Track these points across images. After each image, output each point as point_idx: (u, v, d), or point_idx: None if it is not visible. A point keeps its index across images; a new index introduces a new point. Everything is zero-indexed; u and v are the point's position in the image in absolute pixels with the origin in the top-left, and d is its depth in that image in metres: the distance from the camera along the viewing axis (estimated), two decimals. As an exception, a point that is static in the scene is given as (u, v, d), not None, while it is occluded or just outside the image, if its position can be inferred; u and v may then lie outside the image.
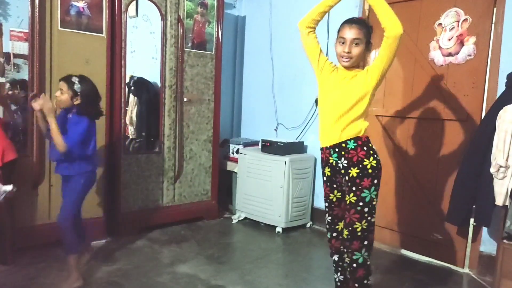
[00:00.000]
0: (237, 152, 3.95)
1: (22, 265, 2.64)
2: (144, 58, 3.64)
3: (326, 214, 2.13)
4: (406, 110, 3.18)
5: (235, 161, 3.97)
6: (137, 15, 3.52)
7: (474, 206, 2.67)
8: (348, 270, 2.00)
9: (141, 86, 3.68)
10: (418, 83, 3.12)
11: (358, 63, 1.97)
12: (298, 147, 3.74)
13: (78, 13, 2.93)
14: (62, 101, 2.32)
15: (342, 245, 2.03)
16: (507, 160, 2.25)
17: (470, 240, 2.92)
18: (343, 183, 2.00)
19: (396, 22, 1.82)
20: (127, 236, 3.23)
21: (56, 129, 2.21)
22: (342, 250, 2.05)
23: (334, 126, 1.97)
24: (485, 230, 2.78)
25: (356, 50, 1.91)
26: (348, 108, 1.93)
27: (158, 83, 3.47)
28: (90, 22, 2.99)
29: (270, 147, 3.67)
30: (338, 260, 2.15)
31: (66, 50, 2.90)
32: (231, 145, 4.09)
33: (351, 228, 1.94)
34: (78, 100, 2.31)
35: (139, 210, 3.38)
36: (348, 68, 1.97)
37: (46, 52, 2.82)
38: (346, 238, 1.96)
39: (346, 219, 1.97)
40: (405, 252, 3.23)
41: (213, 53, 3.72)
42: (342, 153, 1.96)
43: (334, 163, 2.00)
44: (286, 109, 4.06)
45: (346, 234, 1.97)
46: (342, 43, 1.93)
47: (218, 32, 3.73)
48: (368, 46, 1.95)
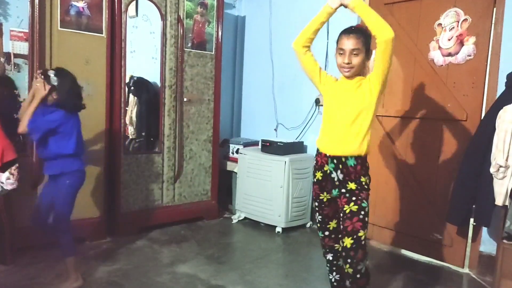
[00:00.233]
0: (237, 152, 3.95)
1: (22, 265, 2.64)
2: (144, 58, 3.64)
3: (317, 214, 2.13)
4: (406, 110, 3.19)
5: (235, 161, 3.97)
6: (137, 15, 3.52)
7: (474, 206, 2.67)
8: (349, 280, 1.98)
9: (141, 86, 3.68)
10: (418, 83, 3.12)
11: (360, 72, 1.96)
12: (298, 147, 3.74)
13: (78, 13, 2.93)
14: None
15: (344, 252, 1.98)
16: (507, 160, 2.25)
17: (470, 240, 2.92)
18: (331, 191, 2.01)
19: (385, 27, 1.81)
20: (127, 236, 3.23)
21: (29, 110, 2.21)
22: (340, 253, 2.04)
23: (338, 137, 1.96)
24: (485, 230, 2.78)
25: (356, 60, 1.90)
26: (353, 118, 1.92)
27: (158, 83, 3.47)
28: (90, 22, 2.99)
29: (270, 147, 3.68)
30: (332, 259, 2.15)
31: (66, 50, 2.90)
32: (231, 145, 4.09)
33: (356, 236, 1.91)
34: (55, 93, 2.29)
35: (139, 210, 3.38)
36: (350, 77, 1.96)
37: (46, 52, 2.82)
38: (351, 247, 1.91)
39: (347, 227, 1.93)
40: (405, 252, 3.23)
41: (213, 53, 3.72)
42: (340, 166, 1.95)
43: (328, 172, 2.00)
44: (286, 109, 4.06)
45: (350, 243, 1.91)
46: (341, 54, 1.93)
47: (218, 32, 3.74)
48: (368, 54, 1.94)
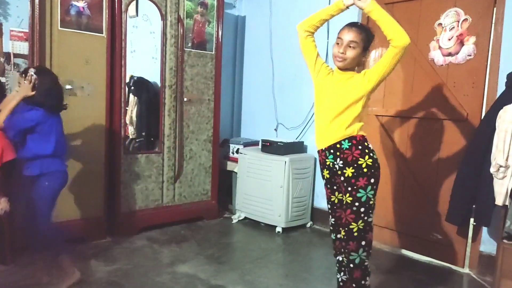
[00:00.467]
0: (237, 152, 3.95)
1: (22, 265, 2.64)
2: (144, 58, 3.64)
3: (330, 216, 2.14)
4: (406, 110, 3.18)
5: (235, 161, 3.97)
6: (137, 15, 3.52)
7: (474, 206, 2.67)
8: (346, 269, 2.01)
9: (141, 86, 3.68)
10: (418, 83, 3.12)
11: (353, 67, 1.96)
12: (298, 147, 3.74)
13: (78, 13, 2.93)
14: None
15: (339, 242, 2.04)
16: (507, 160, 2.25)
17: (470, 240, 2.92)
18: (341, 184, 2.01)
19: (402, 32, 1.81)
20: (127, 236, 3.23)
21: (9, 106, 2.20)
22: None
23: (328, 128, 1.97)
24: (485, 230, 2.78)
25: (350, 53, 1.91)
26: (342, 109, 1.93)
27: (158, 83, 3.47)
28: (90, 22, 2.99)
29: (270, 147, 3.67)
30: (342, 260, 2.15)
31: (66, 50, 2.90)
32: (231, 145, 4.08)
33: (347, 228, 1.94)
34: (33, 91, 2.25)
35: (139, 210, 3.38)
36: (342, 69, 1.97)
37: (46, 52, 2.82)
38: (343, 238, 1.97)
39: (342, 219, 1.98)
40: (405, 252, 3.23)
41: (213, 53, 3.72)
42: (338, 153, 1.96)
43: (331, 165, 2.00)
44: (286, 109, 4.06)
45: (343, 234, 1.98)
46: (338, 44, 1.93)
47: (218, 32, 3.73)
48: (365, 53, 1.94)
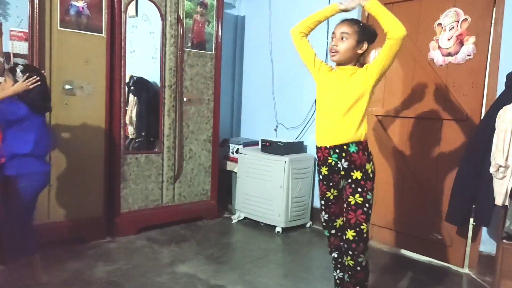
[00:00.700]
0: (236, 152, 3.95)
1: (21, 265, 2.63)
2: (143, 58, 3.64)
3: (323, 212, 2.12)
4: (406, 110, 3.18)
5: (235, 161, 3.97)
6: (136, 15, 3.52)
7: (473, 206, 2.67)
8: (349, 272, 1.99)
9: (140, 85, 3.68)
10: (417, 83, 3.12)
11: (349, 60, 1.95)
12: (297, 147, 3.74)
13: (78, 13, 2.93)
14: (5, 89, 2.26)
15: (346, 244, 2.00)
16: (507, 160, 2.25)
17: (469, 240, 2.92)
18: (339, 182, 2.01)
19: (398, 24, 1.82)
20: (127, 236, 3.23)
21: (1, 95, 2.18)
22: (342, 246, 2.04)
23: (335, 126, 1.96)
24: (484, 230, 2.78)
25: (342, 45, 1.91)
26: (348, 106, 1.92)
27: (158, 83, 3.47)
28: (89, 22, 2.99)
29: (269, 147, 3.67)
30: (337, 257, 2.15)
31: (65, 49, 2.90)
32: (231, 145, 4.08)
33: (358, 229, 1.93)
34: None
35: (139, 210, 3.38)
36: (340, 64, 1.97)
37: (45, 51, 2.82)
38: (353, 240, 1.93)
39: (350, 220, 1.94)
40: (405, 252, 3.23)
41: (212, 53, 3.72)
42: (343, 154, 1.95)
43: (333, 163, 1.99)
44: (285, 109, 4.06)
45: (352, 235, 1.94)
46: (332, 39, 1.95)
47: (217, 32, 3.73)
48: (360, 45, 1.92)
